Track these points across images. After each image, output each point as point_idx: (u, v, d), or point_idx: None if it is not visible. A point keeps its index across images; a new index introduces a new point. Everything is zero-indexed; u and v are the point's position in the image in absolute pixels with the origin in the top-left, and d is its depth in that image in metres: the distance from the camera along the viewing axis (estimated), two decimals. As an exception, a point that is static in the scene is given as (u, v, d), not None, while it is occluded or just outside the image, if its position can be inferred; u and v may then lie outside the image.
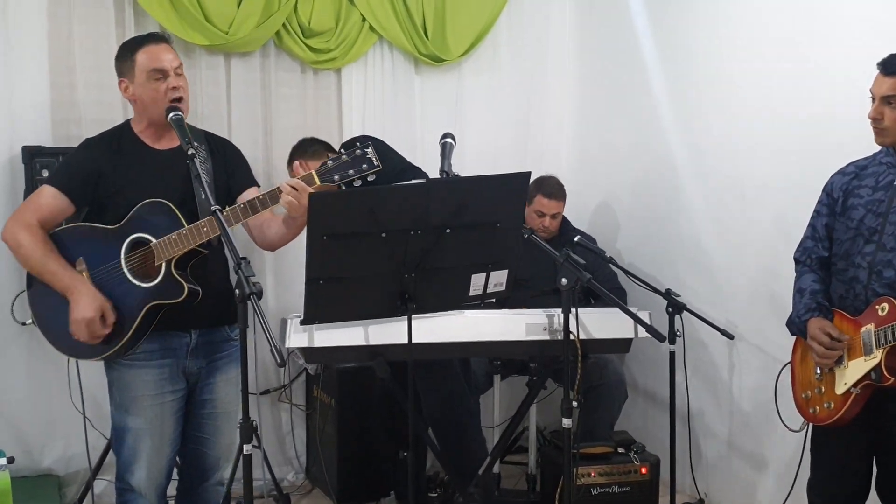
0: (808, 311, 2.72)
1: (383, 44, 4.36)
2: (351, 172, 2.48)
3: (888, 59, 2.55)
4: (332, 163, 2.50)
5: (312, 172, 2.51)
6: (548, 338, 2.72)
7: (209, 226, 2.52)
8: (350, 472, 3.92)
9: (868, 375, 2.52)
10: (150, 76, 2.65)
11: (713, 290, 3.93)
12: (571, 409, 2.58)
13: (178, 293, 2.57)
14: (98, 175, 2.68)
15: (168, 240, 2.56)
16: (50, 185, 2.70)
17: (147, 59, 2.66)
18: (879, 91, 2.56)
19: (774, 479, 3.65)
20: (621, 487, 3.41)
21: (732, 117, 3.83)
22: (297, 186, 2.46)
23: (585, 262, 2.61)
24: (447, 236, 2.44)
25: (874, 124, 2.59)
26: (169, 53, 2.69)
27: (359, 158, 2.49)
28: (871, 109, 2.59)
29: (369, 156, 2.48)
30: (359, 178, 2.49)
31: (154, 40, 2.72)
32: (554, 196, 4.10)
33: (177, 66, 2.69)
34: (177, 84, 2.66)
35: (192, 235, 2.54)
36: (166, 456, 2.75)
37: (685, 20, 4.08)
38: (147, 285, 2.59)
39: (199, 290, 2.61)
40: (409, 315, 2.43)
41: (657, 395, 4.28)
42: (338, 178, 2.49)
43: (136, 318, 2.58)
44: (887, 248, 2.55)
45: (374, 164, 2.48)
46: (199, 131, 2.85)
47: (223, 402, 2.83)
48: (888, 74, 2.53)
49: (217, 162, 2.77)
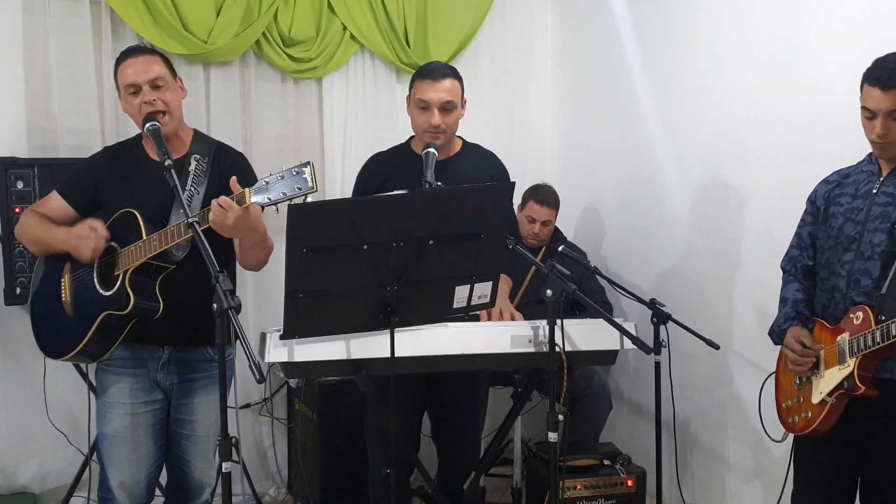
0: (788, 321, 2.73)
1: (365, 53, 4.35)
2: (284, 192, 2.39)
3: (883, 72, 2.48)
4: (268, 180, 2.42)
5: (246, 191, 2.43)
6: (533, 350, 2.66)
7: (160, 239, 2.53)
8: (332, 486, 3.87)
9: (842, 384, 2.52)
10: (126, 91, 2.70)
11: (699, 300, 3.93)
12: (557, 423, 2.54)
13: (125, 305, 2.57)
14: (96, 185, 2.78)
15: (128, 250, 2.60)
16: (56, 191, 2.83)
17: (122, 74, 2.71)
18: (882, 106, 2.46)
19: (761, 490, 3.65)
20: (608, 500, 3.39)
21: (717, 126, 3.84)
22: (224, 205, 2.42)
23: (571, 274, 2.57)
24: (430, 248, 2.39)
25: (880, 140, 2.50)
26: (146, 66, 2.69)
27: (293, 177, 2.40)
28: (876, 126, 2.48)
29: (305, 176, 2.39)
30: (290, 199, 2.39)
31: (133, 54, 2.76)
32: (545, 203, 4.11)
33: (153, 78, 2.68)
34: (150, 98, 2.67)
35: (147, 247, 2.55)
36: (144, 468, 2.74)
37: (669, 29, 4.10)
38: (105, 293, 2.62)
39: (156, 307, 2.61)
40: (392, 328, 2.38)
41: (643, 406, 4.26)
42: (269, 199, 2.40)
43: (93, 324, 2.62)
44: (865, 257, 2.55)
45: (310, 185, 2.39)
46: (212, 144, 2.85)
47: (203, 425, 2.80)
48: (888, 89, 2.45)
49: (214, 176, 2.74)
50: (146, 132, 2.62)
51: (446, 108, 2.96)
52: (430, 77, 2.97)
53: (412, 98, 3.02)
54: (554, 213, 4.18)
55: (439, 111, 2.95)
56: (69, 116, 3.71)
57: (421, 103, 2.97)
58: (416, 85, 3.00)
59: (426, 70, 3.03)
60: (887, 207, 2.53)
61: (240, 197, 2.43)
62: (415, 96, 3.00)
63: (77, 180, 2.82)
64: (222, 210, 2.42)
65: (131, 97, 2.68)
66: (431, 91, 2.95)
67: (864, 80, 2.52)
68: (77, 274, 2.71)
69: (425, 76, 2.99)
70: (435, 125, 2.93)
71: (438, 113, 2.94)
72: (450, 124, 2.99)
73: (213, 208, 2.43)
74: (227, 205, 2.42)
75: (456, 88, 2.99)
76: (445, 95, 2.95)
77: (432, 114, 2.94)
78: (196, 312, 2.60)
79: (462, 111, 3.04)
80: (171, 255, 2.61)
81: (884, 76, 2.45)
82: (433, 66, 3.06)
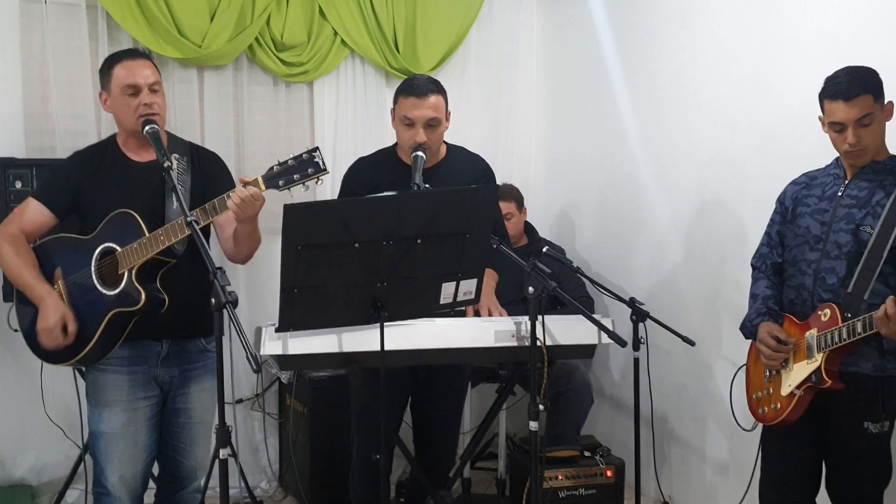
0: (759, 316, 2.84)
1: (355, 57, 4.42)
2: (296, 177, 2.56)
3: (840, 86, 2.57)
4: (279, 167, 2.57)
5: (258, 178, 2.58)
6: (515, 344, 2.76)
7: (166, 235, 2.60)
8: (323, 480, 3.95)
9: (809, 378, 2.64)
10: (123, 91, 2.73)
11: (675, 299, 4.02)
12: (538, 413, 2.65)
13: (136, 300, 2.63)
14: (77, 188, 2.77)
15: (130, 248, 2.65)
16: (34, 199, 2.81)
17: (123, 74, 2.74)
18: (850, 117, 2.56)
19: (735, 481, 3.73)
20: (587, 490, 3.47)
21: (694, 131, 3.92)
22: (242, 196, 2.54)
23: (551, 272, 2.68)
24: (418, 246, 2.49)
25: (853, 149, 2.60)
26: (146, 69, 2.75)
27: (305, 163, 2.56)
28: (848, 136, 2.57)
29: (316, 160, 2.55)
30: (305, 181, 2.57)
31: (132, 56, 2.80)
32: (501, 198, 4.11)
33: (152, 82, 2.75)
34: (149, 101, 2.73)
35: (151, 244, 2.62)
36: (141, 461, 2.81)
37: (650, 39, 4.18)
38: (111, 293, 2.67)
39: (163, 298, 2.68)
40: (382, 323, 2.48)
41: (622, 401, 4.36)
42: (283, 183, 2.56)
43: (100, 324, 2.66)
44: (831, 256, 2.66)
45: (321, 167, 2.55)
46: (186, 144, 2.92)
47: (198, 413, 2.89)
48: (850, 99, 2.55)
49: (196, 174, 2.84)
50: (146, 134, 2.68)
51: (431, 124, 2.97)
52: (413, 94, 2.97)
53: (397, 114, 3.03)
54: (513, 206, 4.21)
55: (424, 128, 2.96)
56: (66, 118, 3.78)
57: (406, 120, 2.98)
58: (401, 101, 3.00)
59: (410, 86, 3.02)
60: (851, 209, 2.65)
61: (254, 183, 2.56)
62: (399, 113, 3.00)
63: (57, 185, 2.81)
64: (252, 200, 2.54)
65: (129, 98, 2.71)
66: (416, 109, 2.95)
67: (824, 97, 2.63)
68: (73, 278, 2.74)
69: (409, 93, 2.98)
70: (420, 143, 2.94)
71: (423, 130, 2.96)
72: (435, 140, 3.01)
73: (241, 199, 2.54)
74: (256, 195, 2.54)
75: (440, 104, 3.00)
76: (430, 112, 2.96)
77: (417, 131, 2.95)
78: (191, 305, 2.73)
79: (447, 124, 3.06)
80: (174, 250, 2.67)
81: (843, 89, 2.56)
82: (417, 83, 3.03)
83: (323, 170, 2.56)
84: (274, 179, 2.57)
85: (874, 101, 2.57)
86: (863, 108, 2.56)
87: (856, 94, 2.55)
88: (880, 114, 2.60)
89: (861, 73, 2.60)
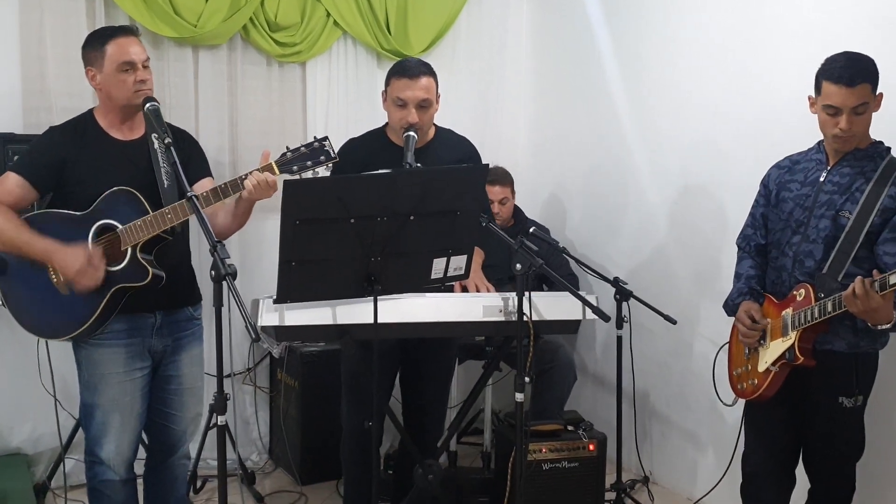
0: (741, 295, 2.92)
1: (347, 38, 4.46)
2: (309, 163, 2.66)
3: (844, 70, 2.57)
4: (292, 154, 2.66)
5: (272, 163, 2.66)
6: (503, 319, 2.83)
7: (173, 212, 2.64)
8: (313, 453, 4.04)
9: (784, 355, 2.73)
10: (119, 68, 2.72)
11: (659, 278, 4.10)
12: (524, 385, 2.73)
13: (142, 276, 2.68)
14: (62, 163, 2.74)
15: (134, 226, 2.66)
16: (13, 172, 2.75)
17: (117, 51, 2.73)
18: (848, 103, 2.56)
19: (714, 457, 3.85)
20: (570, 463, 3.51)
21: (680, 116, 3.99)
22: (259, 179, 2.63)
23: (538, 249, 2.75)
24: (411, 223, 2.56)
25: (843, 134, 2.61)
26: (138, 46, 2.77)
27: (317, 150, 2.67)
28: (841, 121, 2.58)
29: (327, 148, 2.66)
30: (316, 168, 2.66)
31: (124, 33, 2.79)
32: (496, 182, 4.19)
33: (144, 59, 2.77)
34: (144, 77, 2.75)
35: (157, 221, 2.65)
36: (134, 430, 2.86)
37: (639, 24, 4.23)
38: (113, 269, 2.68)
39: (163, 275, 2.73)
40: (375, 296, 2.56)
41: (605, 378, 4.44)
42: (296, 169, 2.66)
43: (102, 300, 2.68)
44: (810, 240, 2.74)
45: (332, 155, 2.66)
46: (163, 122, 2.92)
47: (188, 378, 2.96)
48: (852, 85, 2.55)
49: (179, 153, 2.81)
50: (147, 112, 2.71)
51: (423, 105, 3.03)
52: (406, 75, 3.02)
53: (389, 95, 3.07)
54: (508, 190, 4.27)
55: (416, 109, 3.01)
56: (63, 95, 3.80)
57: (398, 101, 3.02)
58: (393, 82, 3.05)
59: (403, 68, 3.07)
60: (833, 195, 2.71)
61: (268, 168, 2.66)
62: (392, 94, 3.05)
63: (41, 160, 2.75)
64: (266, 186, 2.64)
65: (124, 74, 2.71)
66: (408, 90, 3.01)
67: (824, 78, 2.62)
68: None
69: (402, 74, 3.03)
70: (412, 123, 3.00)
71: (416, 111, 3.02)
72: (426, 121, 3.08)
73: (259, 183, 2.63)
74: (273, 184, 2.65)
75: (431, 86, 3.06)
76: (422, 94, 3.02)
77: (409, 112, 3.01)
78: (181, 277, 2.84)
79: (437, 106, 3.13)
80: (174, 228, 2.71)
81: (846, 74, 2.57)
82: (410, 64, 3.09)
83: (333, 158, 2.67)
84: (287, 165, 2.67)
85: (871, 90, 2.60)
86: (861, 96, 2.58)
87: (859, 81, 2.56)
88: (873, 104, 2.63)
89: (863, 60, 2.61)
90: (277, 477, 4.25)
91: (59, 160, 2.73)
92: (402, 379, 3.36)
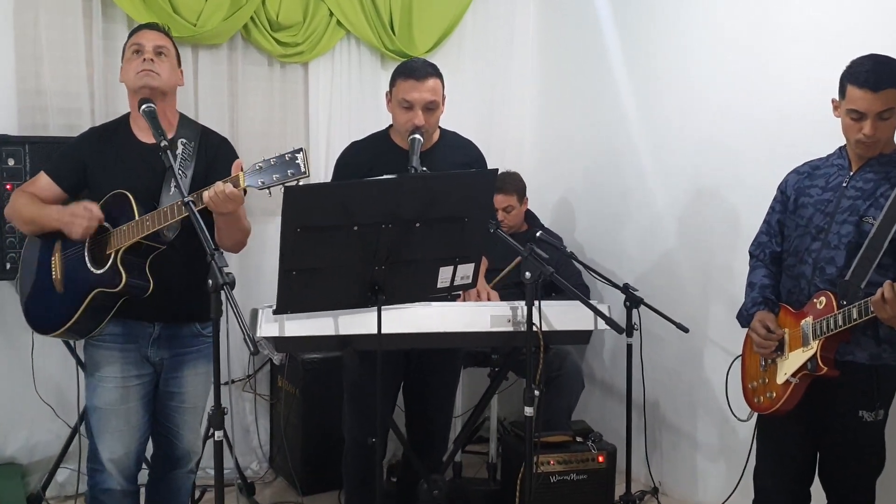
0: (756, 305, 2.84)
1: (350, 38, 4.40)
2: (276, 177, 2.47)
3: (871, 75, 2.52)
4: (262, 164, 2.50)
5: (240, 174, 2.51)
6: (511, 329, 2.76)
7: (153, 220, 2.58)
8: (314, 462, 3.97)
9: (805, 365, 2.64)
10: (129, 51, 2.75)
11: (670, 285, 4.03)
12: (533, 398, 2.65)
13: (116, 282, 2.62)
14: (84, 166, 2.78)
15: (120, 230, 2.64)
16: (44, 172, 2.83)
17: (134, 39, 2.77)
18: (874, 108, 2.51)
19: (726, 468, 3.78)
20: (579, 475, 3.46)
21: (690, 117, 3.93)
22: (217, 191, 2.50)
23: (549, 257, 2.68)
24: (416, 230, 2.49)
25: (868, 140, 2.56)
26: (155, 35, 2.78)
27: (286, 163, 2.48)
28: (865, 127, 2.53)
29: (298, 161, 2.46)
30: (283, 183, 2.46)
31: (150, 27, 2.83)
32: (501, 190, 4.11)
33: (156, 45, 2.75)
34: (149, 57, 2.72)
35: (138, 228, 2.60)
36: (135, 440, 2.81)
37: (648, 24, 4.17)
38: (97, 272, 2.67)
39: (146, 285, 2.66)
40: (379, 306, 2.48)
41: (614, 387, 4.37)
42: (262, 183, 2.48)
43: (83, 301, 2.66)
44: (832, 246, 2.66)
45: (302, 170, 2.46)
46: (197, 128, 2.89)
47: (192, 397, 2.88)
48: (878, 90, 2.50)
49: (200, 160, 2.80)
50: (141, 113, 2.65)
51: (429, 107, 2.96)
52: (413, 77, 2.95)
53: (395, 96, 3.00)
54: (514, 198, 4.19)
55: (423, 111, 2.94)
56: (59, 96, 3.73)
57: (404, 103, 2.95)
58: (399, 84, 2.98)
59: (409, 69, 3.00)
60: (856, 201, 2.63)
61: (234, 180, 2.51)
62: (398, 95, 2.97)
63: (65, 161, 2.83)
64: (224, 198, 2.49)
65: (133, 56, 2.72)
66: (415, 91, 2.94)
67: (849, 81, 2.56)
68: (67, 252, 2.75)
69: (409, 75, 2.96)
70: (419, 126, 2.92)
71: (422, 113, 2.94)
72: (433, 123, 3.01)
73: (216, 194, 2.49)
74: (232, 195, 2.50)
75: (438, 87, 2.99)
76: (429, 95, 2.95)
77: (416, 114, 2.93)
78: (184, 291, 2.71)
79: (442, 108, 3.05)
80: (163, 236, 2.65)
81: (872, 79, 2.50)
82: (416, 65, 3.03)
83: (303, 173, 2.47)
84: (254, 177, 2.50)
85: None
86: (887, 102, 2.52)
87: (885, 85, 2.50)
88: None
89: (890, 64, 2.54)
90: (278, 486, 4.17)
91: (82, 162, 2.78)
92: (405, 389, 3.28)
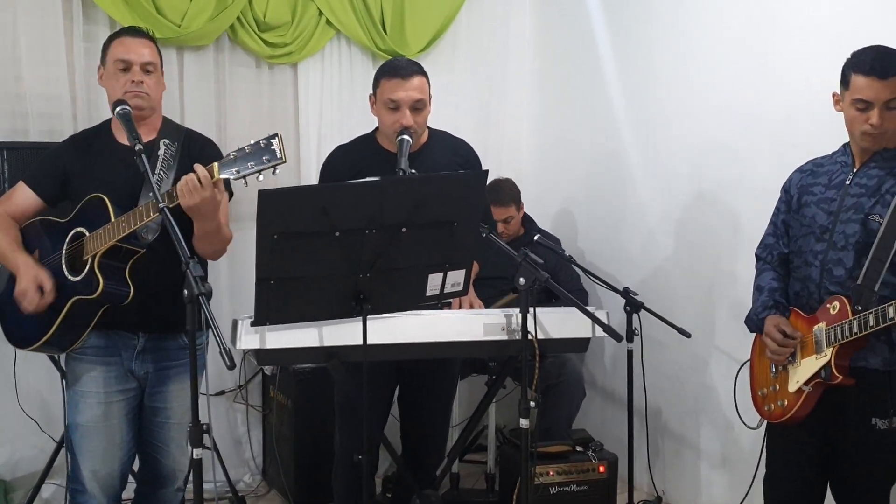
0: (766, 309, 2.74)
1: (341, 38, 4.33)
2: (251, 165, 2.38)
3: (876, 62, 2.46)
4: (235, 153, 2.41)
5: (214, 165, 2.43)
6: (506, 338, 2.67)
7: (128, 220, 2.51)
8: (307, 474, 3.88)
9: (818, 373, 2.55)
10: (115, 65, 2.68)
11: (671, 290, 3.97)
12: (529, 410, 2.56)
13: (93, 289, 2.54)
14: (65, 174, 2.73)
15: (95, 234, 2.57)
16: (23, 182, 2.78)
17: (118, 48, 2.69)
18: (881, 96, 2.44)
19: (731, 477, 3.71)
20: (579, 486, 3.40)
21: (690, 118, 3.88)
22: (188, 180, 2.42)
23: (544, 262, 2.59)
24: (403, 236, 2.39)
25: (875, 130, 2.49)
26: (143, 48, 2.71)
27: (261, 150, 2.39)
28: (872, 116, 2.46)
29: (273, 147, 2.37)
30: (259, 171, 2.39)
31: (133, 33, 2.77)
32: (500, 203, 4.03)
33: (146, 61, 2.70)
34: (138, 79, 2.67)
35: (114, 230, 2.53)
36: (118, 458, 2.72)
37: (645, 23, 4.13)
38: (74, 279, 2.60)
39: (125, 291, 2.58)
40: (364, 316, 2.39)
41: (615, 393, 4.30)
42: (237, 172, 2.39)
43: (62, 309, 2.59)
44: (838, 247, 2.58)
45: (278, 156, 2.37)
46: (181, 130, 2.84)
47: (177, 413, 2.79)
48: (885, 77, 2.43)
49: (184, 161, 2.72)
50: (116, 116, 2.60)
51: (417, 107, 2.86)
52: (398, 75, 2.85)
53: (379, 98, 2.90)
54: (512, 208, 4.12)
55: (410, 111, 2.84)
56: (39, 100, 3.65)
57: (390, 104, 2.85)
58: (383, 84, 2.88)
59: (393, 68, 2.90)
60: (860, 198, 2.55)
61: (209, 170, 2.42)
62: (383, 96, 2.87)
63: (45, 169, 2.77)
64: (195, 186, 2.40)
65: (119, 73, 2.66)
66: (401, 90, 2.83)
67: (853, 70, 2.49)
68: (46, 262, 2.68)
69: (393, 74, 2.86)
70: (407, 126, 2.82)
71: (410, 113, 2.84)
72: (421, 124, 2.90)
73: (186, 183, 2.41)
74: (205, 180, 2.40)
75: (424, 86, 2.89)
76: (416, 94, 2.85)
77: (403, 114, 2.83)
78: (168, 298, 2.60)
79: (430, 107, 2.95)
80: (141, 239, 2.58)
81: (878, 66, 2.44)
82: (400, 64, 2.94)
83: (279, 159, 2.38)
84: (228, 167, 2.40)
85: None
86: (894, 90, 2.44)
87: (892, 73, 2.43)
88: None
89: (895, 53, 2.48)
90: (272, 499, 4.10)
91: (61, 171, 2.73)
92: (400, 398, 3.18)
